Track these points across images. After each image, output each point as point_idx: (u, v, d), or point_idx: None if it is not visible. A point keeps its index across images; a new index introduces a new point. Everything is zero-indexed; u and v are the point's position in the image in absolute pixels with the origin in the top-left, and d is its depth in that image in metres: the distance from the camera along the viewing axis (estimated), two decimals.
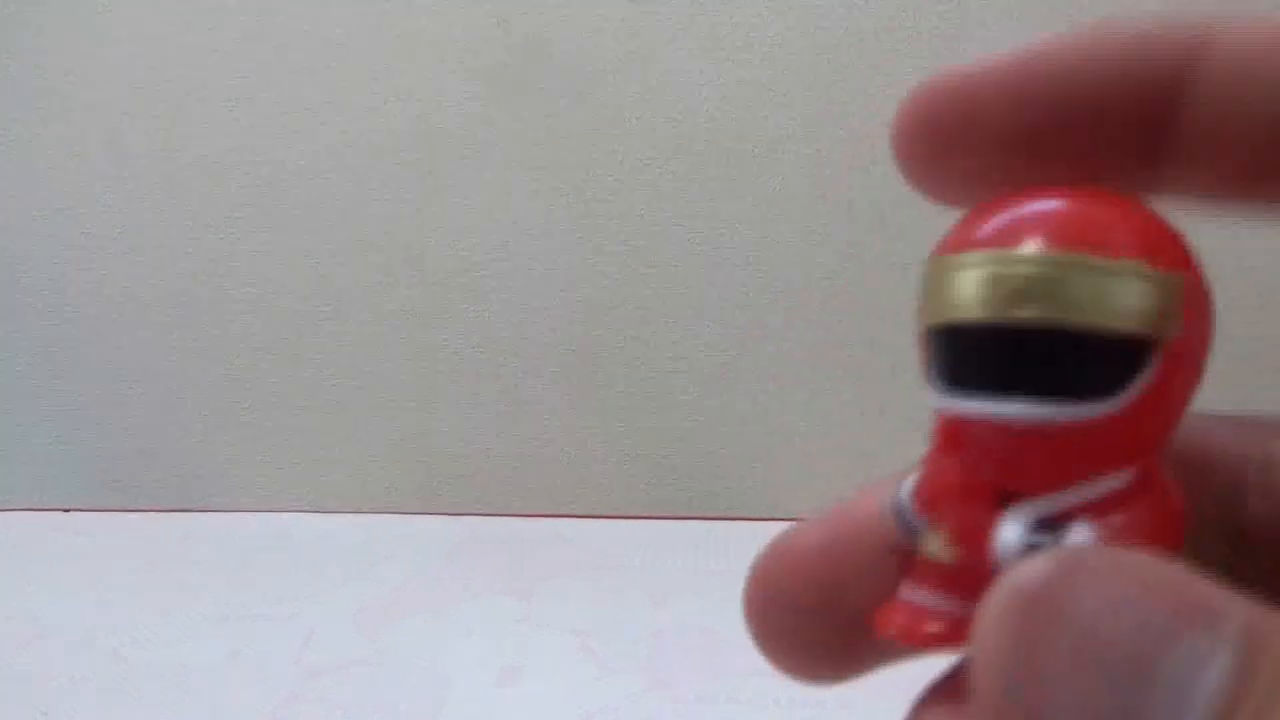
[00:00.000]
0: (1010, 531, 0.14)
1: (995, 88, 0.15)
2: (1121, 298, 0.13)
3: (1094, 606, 0.11)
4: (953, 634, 0.14)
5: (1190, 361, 0.14)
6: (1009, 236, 0.14)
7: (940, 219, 0.17)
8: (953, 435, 0.14)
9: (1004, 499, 0.14)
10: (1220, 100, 0.15)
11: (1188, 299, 0.14)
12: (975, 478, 0.14)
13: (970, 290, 0.14)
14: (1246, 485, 0.17)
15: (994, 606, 0.12)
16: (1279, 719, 0.10)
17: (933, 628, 0.14)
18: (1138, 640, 0.11)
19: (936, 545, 0.15)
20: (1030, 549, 0.13)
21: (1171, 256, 0.14)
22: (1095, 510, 0.14)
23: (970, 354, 0.14)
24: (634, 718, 0.45)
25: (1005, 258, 0.14)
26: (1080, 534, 0.13)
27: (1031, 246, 0.14)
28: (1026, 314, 0.13)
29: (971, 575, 0.14)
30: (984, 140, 0.15)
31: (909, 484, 0.15)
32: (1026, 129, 0.15)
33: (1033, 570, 0.12)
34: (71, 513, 0.68)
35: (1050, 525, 0.14)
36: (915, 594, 0.15)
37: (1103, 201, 0.14)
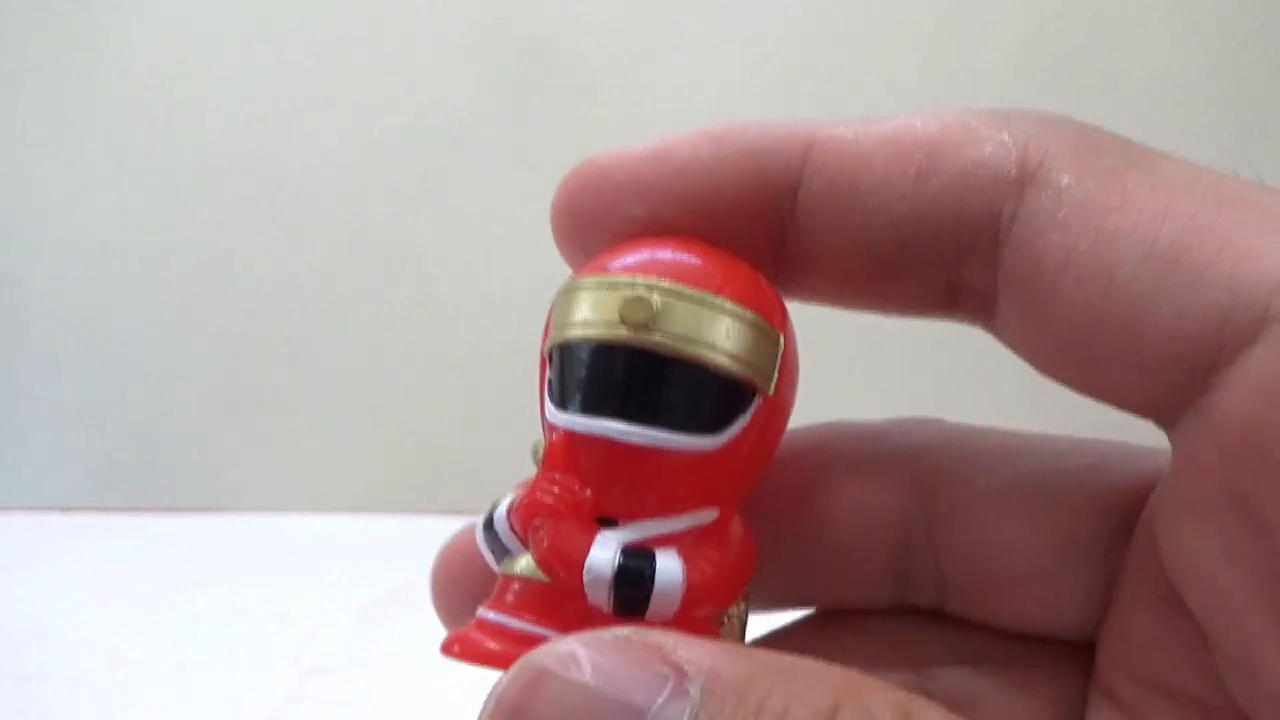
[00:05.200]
0: (601, 552, 0.14)
1: (629, 175, 0.16)
2: (734, 341, 0.14)
3: (559, 713, 0.12)
4: (516, 652, 0.13)
5: (777, 418, 0.15)
6: (633, 267, 0.15)
7: None
8: (562, 451, 0.15)
9: (601, 523, 0.14)
10: (820, 208, 0.15)
11: (784, 362, 0.15)
12: (576, 496, 0.14)
13: (589, 311, 0.14)
14: (910, 543, 0.18)
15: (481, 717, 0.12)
16: None
17: (498, 646, 0.14)
18: None
19: (525, 564, 0.15)
20: (620, 571, 0.14)
21: (778, 318, 0.15)
22: (682, 541, 0.14)
23: (590, 370, 0.14)
24: None
25: (624, 282, 0.14)
26: (667, 559, 0.14)
27: (656, 274, 0.14)
28: (650, 336, 0.14)
29: (554, 597, 0.14)
30: (620, 222, 0.16)
31: (504, 504, 0.16)
32: (657, 215, 0.16)
33: (508, 681, 0.12)
34: (71, 513, 0.68)
35: (640, 549, 0.14)
36: (489, 613, 0.15)
37: (720, 253, 0.15)
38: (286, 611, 0.53)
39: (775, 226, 0.16)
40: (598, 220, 0.16)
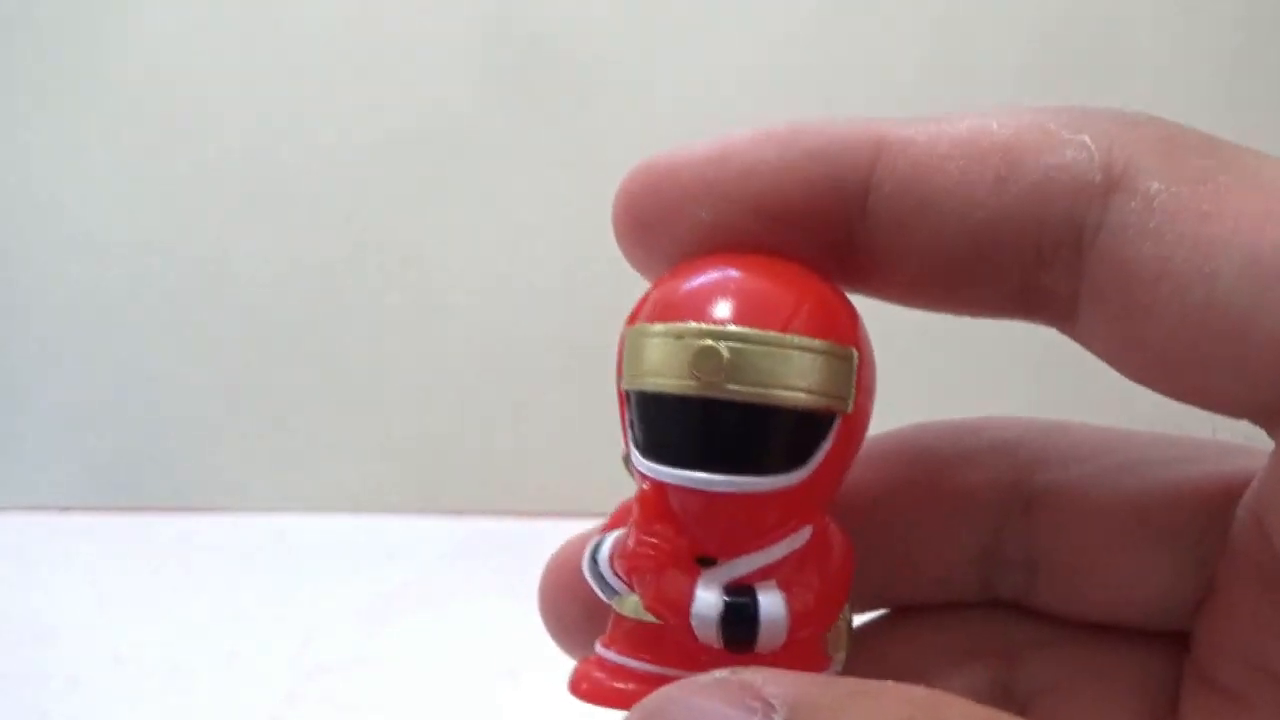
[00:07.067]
0: (705, 595, 0.14)
1: (691, 178, 0.15)
2: (808, 376, 0.14)
3: None
4: (644, 693, 0.14)
5: (859, 428, 0.15)
6: (699, 308, 0.14)
7: None
8: (654, 500, 0.15)
9: (700, 561, 0.15)
10: (892, 212, 0.15)
11: (860, 375, 0.15)
12: (674, 541, 0.15)
13: (660, 362, 0.14)
14: (1004, 530, 0.18)
15: None
16: None
17: (624, 685, 0.15)
18: None
19: (633, 606, 0.15)
20: (726, 613, 0.14)
21: (849, 334, 0.15)
22: (782, 570, 0.15)
23: (669, 422, 0.15)
24: None
25: (691, 331, 0.14)
26: (769, 595, 0.15)
27: (724, 321, 0.14)
28: (724, 387, 0.14)
29: (668, 636, 0.15)
30: (683, 225, 0.16)
31: (606, 546, 0.16)
32: (721, 218, 0.15)
33: None
34: (71, 512, 0.68)
35: (742, 587, 0.15)
36: (609, 652, 0.16)
37: (785, 275, 0.15)
38: (286, 611, 0.53)
39: (843, 230, 0.15)
40: (662, 224, 0.16)
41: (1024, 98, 0.64)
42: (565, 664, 0.20)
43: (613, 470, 0.19)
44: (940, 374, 0.62)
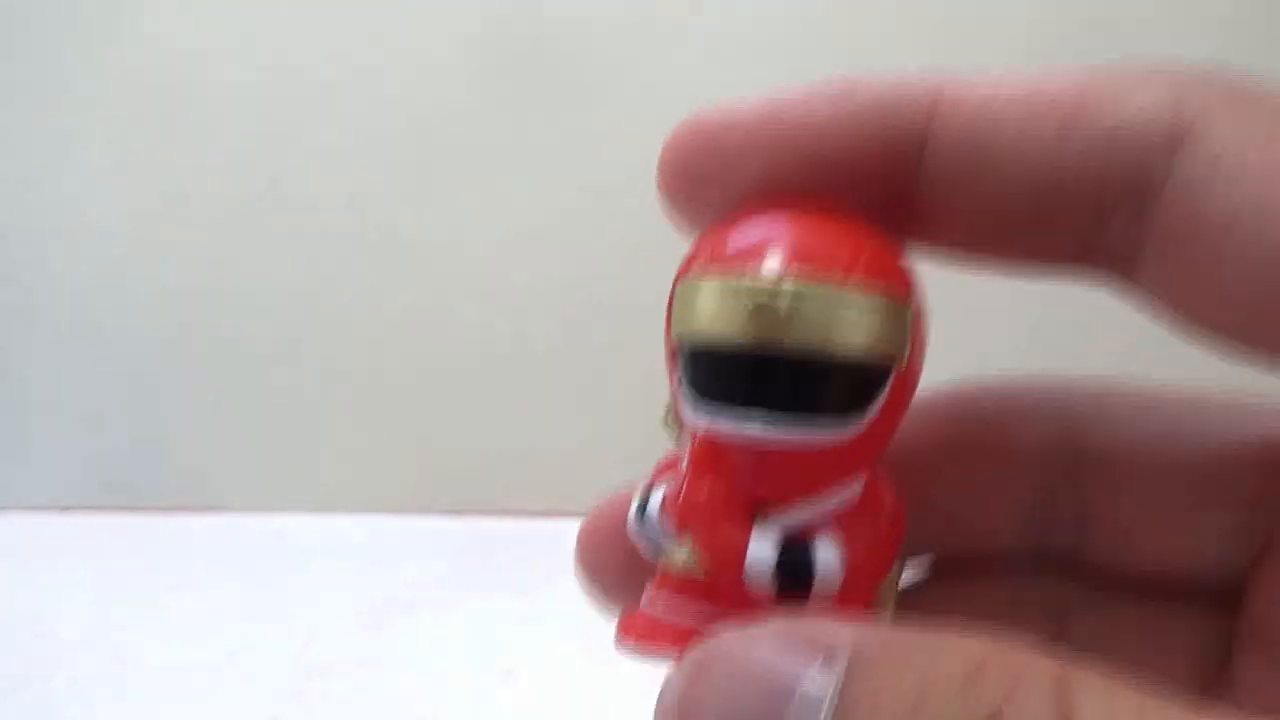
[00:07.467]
0: (760, 549, 0.14)
1: (744, 133, 0.15)
2: (866, 328, 0.14)
3: (723, 697, 0.13)
4: (684, 644, 0.14)
5: (912, 382, 0.15)
6: (755, 260, 0.14)
7: None
8: (707, 451, 0.15)
9: (753, 513, 0.15)
10: (950, 166, 0.15)
11: (914, 330, 0.15)
12: (727, 492, 0.15)
13: (716, 311, 0.14)
14: (1054, 483, 0.18)
15: (655, 710, 0.13)
16: None
17: (666, 637, 0.15)
18: (762, 707, 0.12)
19: (684, 557, 0.15)
20: (781, 566, 0.14)
21: (905, 288, 0.15)
22: (836, 522, 0.15)
23: (725, 374, 0.14)
24: (635, 718, 0.44)
25: (746, 286, 0.14)
26: (825, 547, 0.15)
27: (781, 273, 0.14)
28: (781, 340, 0.14)
29: (718, 586, 0.15)
30: (734, 181, 0.15)
31: (657, 496, 0.16)
32: (773, 174, 0.15)
33: (675, 675, 0.13)
34: (71, 512, 0.68)
35: (796, 537, 0.15)
36: (657, 604, 0.15)
37: (841, 228, 0.15)
38: (287, 611, 0.53)
39: (898, 183, 0.15)
40: (711, 178, 0.16)
41: None
42: (564, 664, 0.20)
43: (612, 470, 0.19)
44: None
